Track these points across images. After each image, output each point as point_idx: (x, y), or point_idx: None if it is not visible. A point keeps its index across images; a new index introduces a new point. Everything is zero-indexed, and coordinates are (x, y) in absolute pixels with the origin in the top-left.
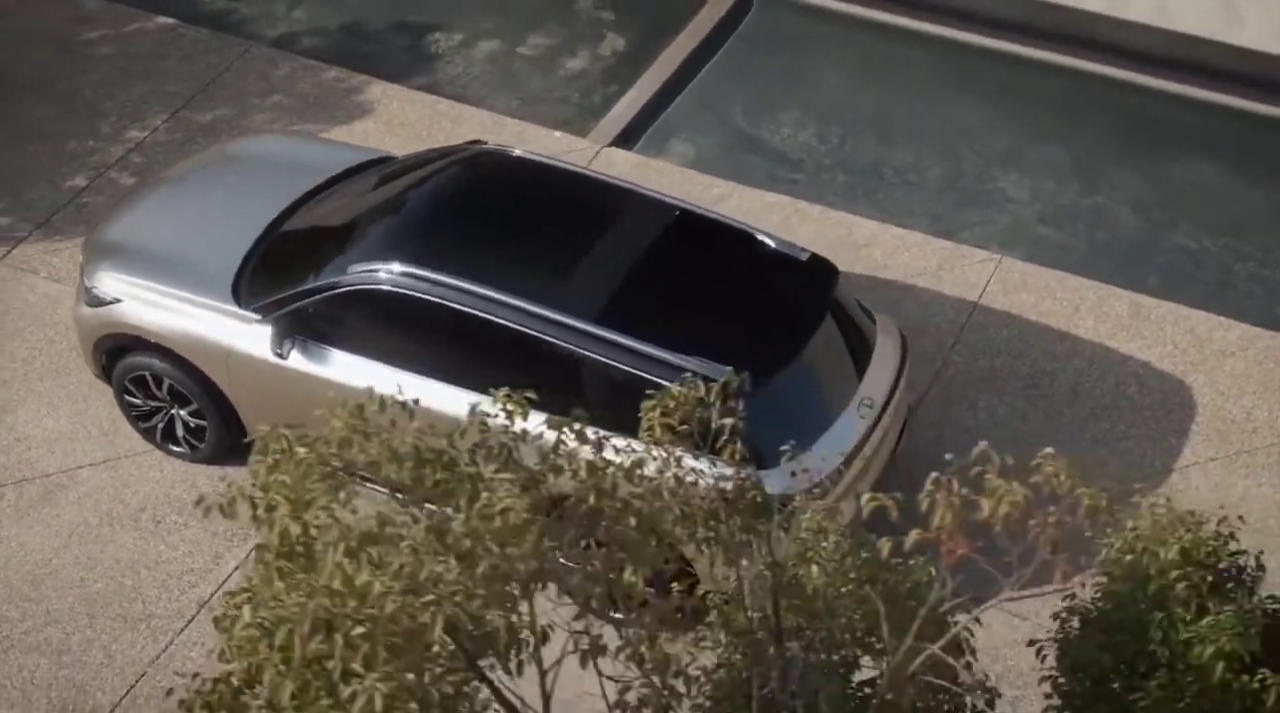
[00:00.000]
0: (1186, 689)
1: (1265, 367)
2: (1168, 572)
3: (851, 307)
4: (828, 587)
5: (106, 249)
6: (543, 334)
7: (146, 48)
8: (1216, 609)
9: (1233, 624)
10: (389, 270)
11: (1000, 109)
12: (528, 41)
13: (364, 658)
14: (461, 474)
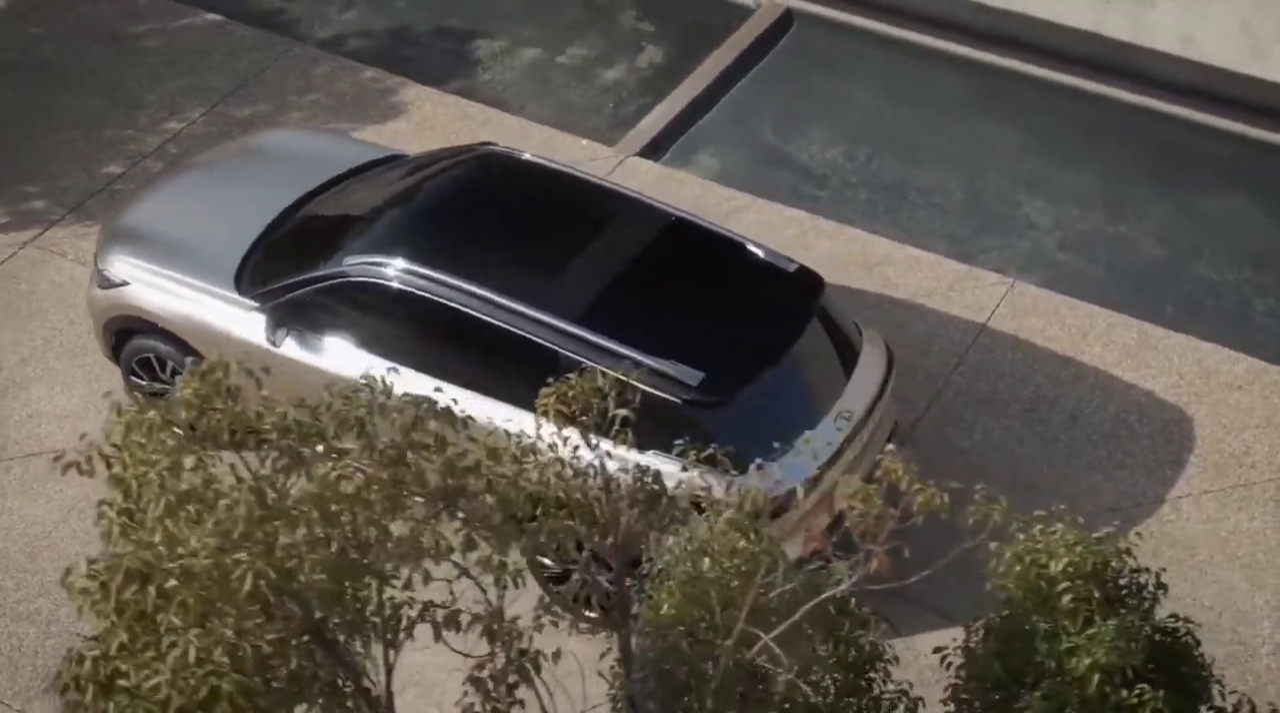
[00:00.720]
0: (1067, 701)
1: (1270, 402)
2: (1056, 583)
3: (837, 319)
4: (720, 579)
5: (120, 233)
6: (523, 331)
7: (192, 43)
8: (1102, 623)
9: (1112, 638)
10: (379, 263)
11: (1031, 134)
12: (567, 51)
13: (180, 611)
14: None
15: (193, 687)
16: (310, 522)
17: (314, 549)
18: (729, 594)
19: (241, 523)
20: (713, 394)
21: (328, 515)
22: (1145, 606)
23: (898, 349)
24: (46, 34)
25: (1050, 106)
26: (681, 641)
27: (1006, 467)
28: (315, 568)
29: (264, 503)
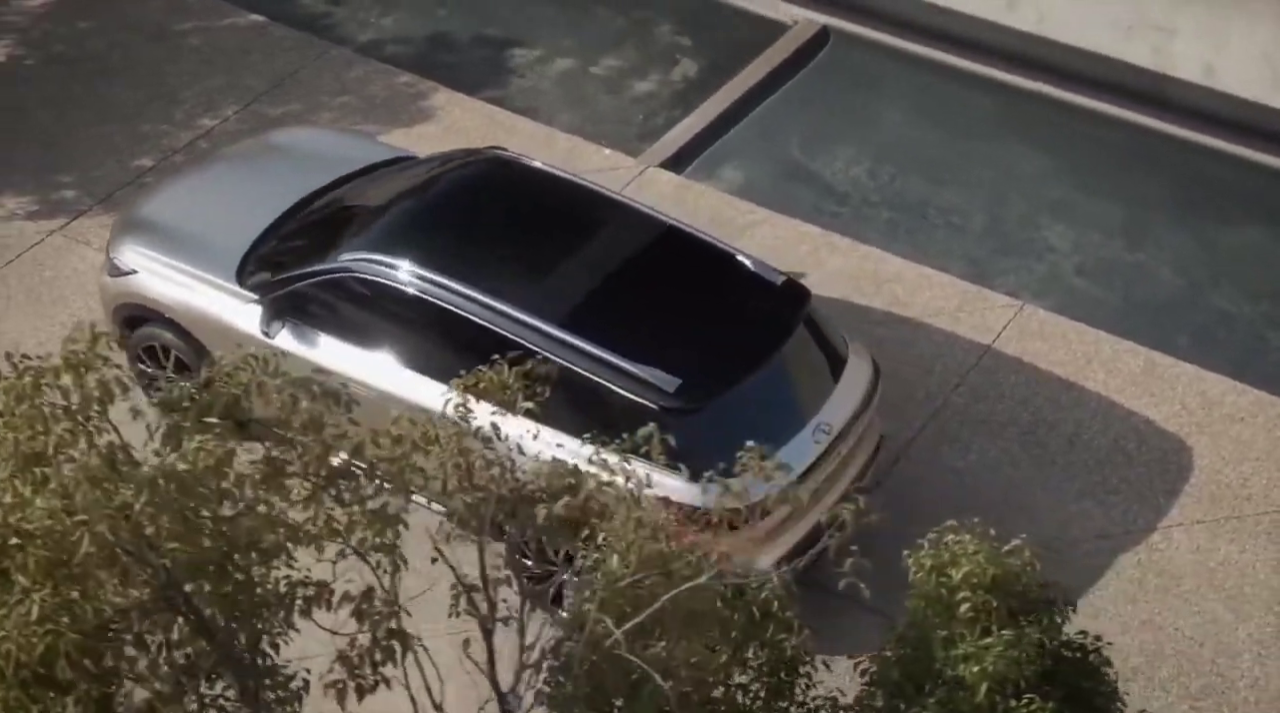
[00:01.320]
0: (959, 708)
1: (1272, 435)
2: (957, 591)
3: (823, 332)
4: (626, 577)
5: (133, 223)
6: (505, 331)
7: (233, 42)
8: (998, 633)
9: (1003, 648)
10: (372, 260)
11: (1059, 159)
12: (601, 62)
13: (26, 570)
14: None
15: (32, 644)
16: (158, 489)
17: (172, 520)
18: (645, 596)
19: (84, 485)
20: (689, 401)
21: (184, 487)
22: (1049, 620)
23: (900, 366)
24: (95, 28)
25: (1080, 132)
26: (603, 639)
27: (998, 488)
28: (170, 537)
29: (113, 468)
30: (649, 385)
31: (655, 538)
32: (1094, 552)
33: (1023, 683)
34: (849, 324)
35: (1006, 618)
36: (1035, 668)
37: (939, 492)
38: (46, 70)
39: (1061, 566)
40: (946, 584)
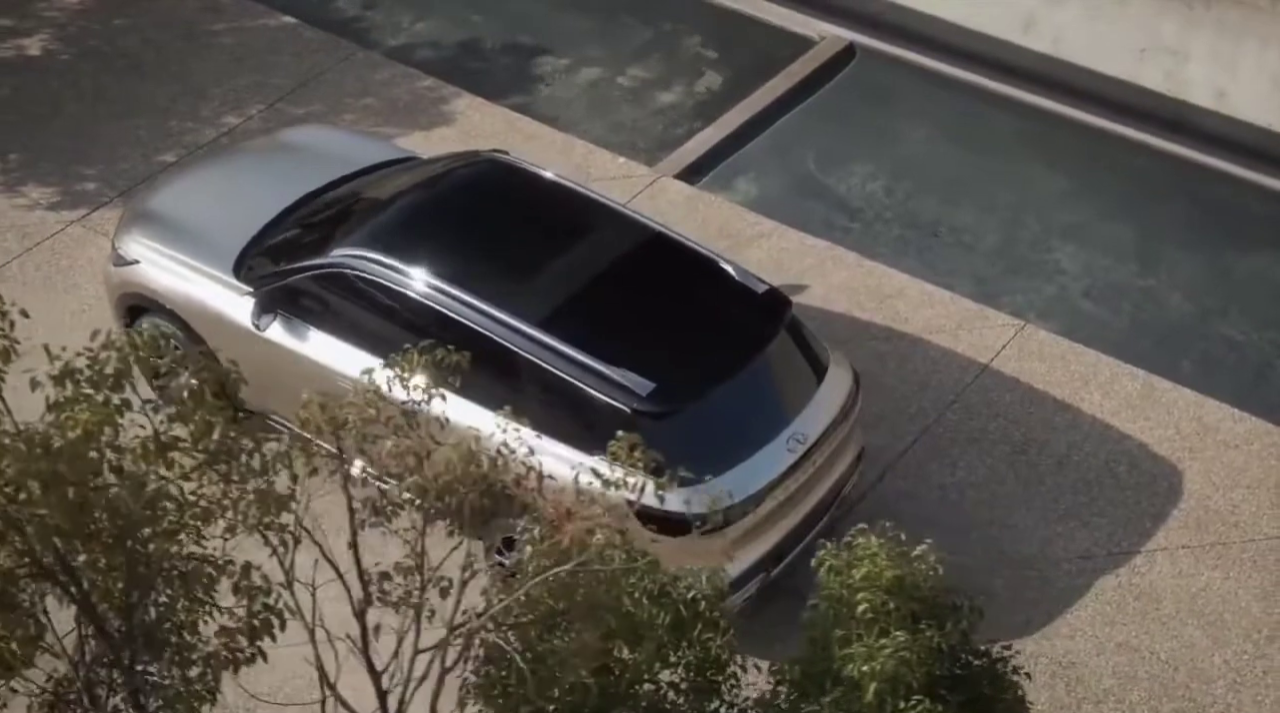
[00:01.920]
0: (851, 708)
1: (1265, 463)
2: (856, 592)
3: (803, 342)
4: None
5: (138, 214)
6: (485, 330)
7: (263, 42)
8: (893, 634)
9: (894, 649)
10: (363, 257)
11: (1077, 181)
12: (627, 72)
13: None
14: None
15: None
16: (25, 457)
17: (44, 487)
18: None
19: None
20: (661, 405)
21: (50, 452)
22: (952, 625)
23: (895, 382)
24: (130, 25)
25: (1100, 155)
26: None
27: (983, 505)
28: (39, 504)
29: None
30: (622, 388)
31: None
32: (1075, 572)
33: (914, 684)
34: (847, 338)
35: (906, 621)
36: (928, 670)
37: (924, 507)
38: (80, 64)
39: (1041, 585)
40: (847, 585)
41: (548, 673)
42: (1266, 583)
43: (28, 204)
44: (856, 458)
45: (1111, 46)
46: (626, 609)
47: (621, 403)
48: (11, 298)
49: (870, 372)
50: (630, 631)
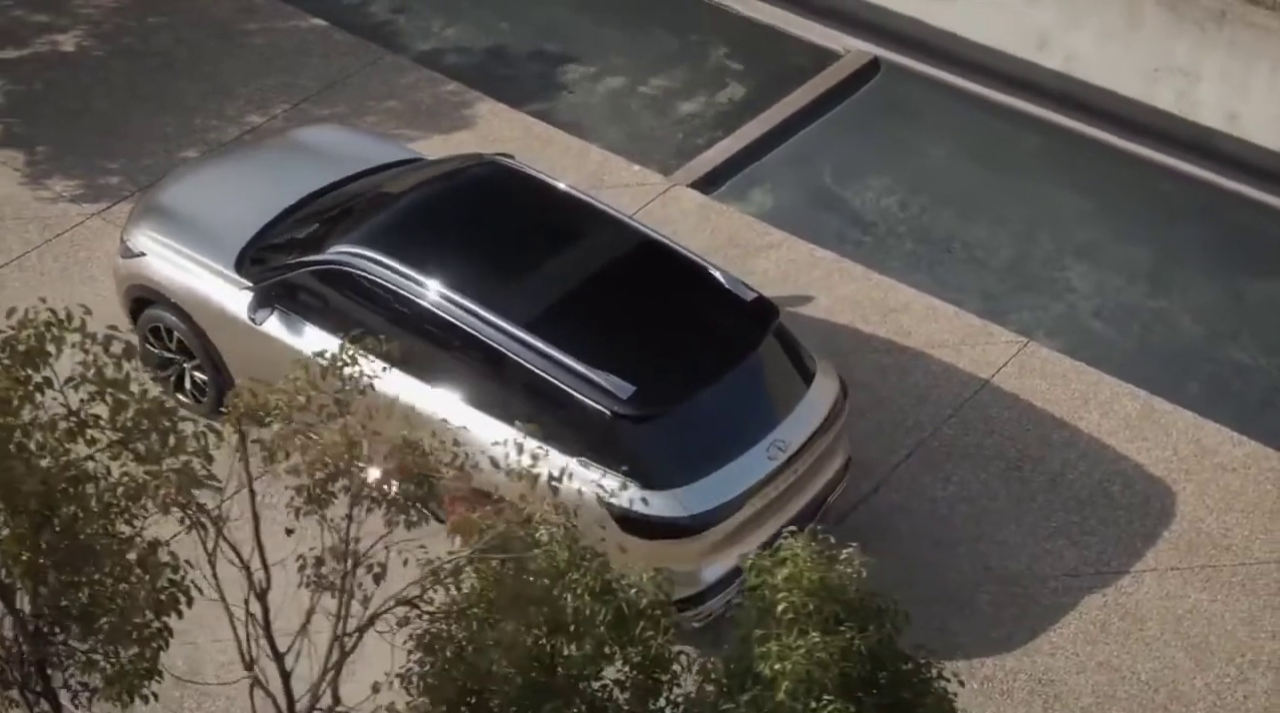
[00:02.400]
0: (765, 706)
1: (1261, 488)
2: (778, 592)
3: (789, 351)
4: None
5: (148, 208)
6: (472, 329)
7: (293, 44)
8: (809, 635)
9: (807, 649)
10: (357, 254)
11: (1095, 200)
12: (650, 82)
13: None
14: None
15: None
16: None
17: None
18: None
19: None
20: (641, 409)
21: None
22: (874, 628)
23: (893, 395)
24: (165, 24)
25: (1121, 176)
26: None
27: (971, 520)
28: None
29: None
30: (604, 390)
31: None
32: (1060, 590)
33: (828, 685)
34: (850, 350)
35: (828, 622)
36: (843, 672)
37: (914, 519)
38: (113, 61)
39: (1025, 601)
40: (771, 585)
41: (485, 664)
42: (1254, 607)
43: (51, 197)
44: (842, 468)
45: (1124, 66)
46: (567, 604)
47: (602, 405)
48: (28, 287)
49: (869, 384)
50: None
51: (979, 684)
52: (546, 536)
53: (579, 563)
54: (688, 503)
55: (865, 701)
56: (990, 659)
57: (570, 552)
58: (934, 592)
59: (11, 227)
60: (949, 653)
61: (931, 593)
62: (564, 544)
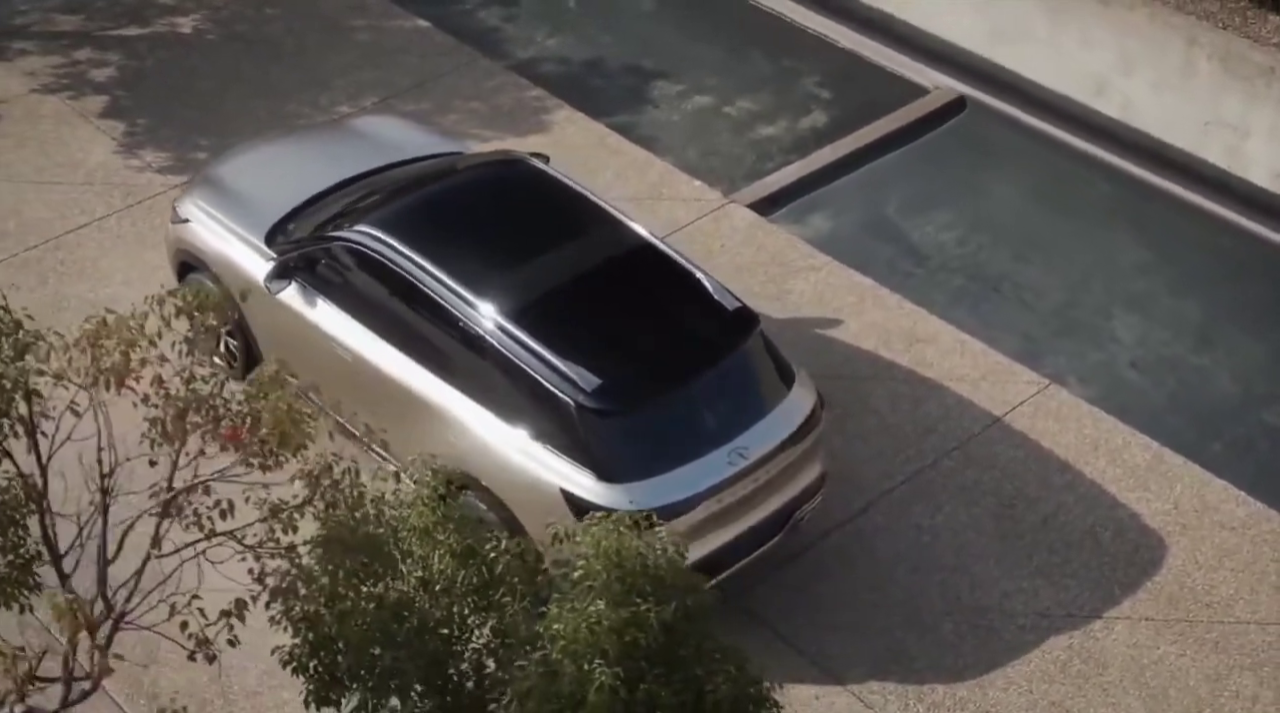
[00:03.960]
0: (548, 666)
1: (1256, 549)
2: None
3: (766, 362)
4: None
5: (203, 178)
6: (460, 313)
7: (395, 42)
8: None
9: (583, 613)
10: (368, 234)
11: (1155, 252)
12: (736, 104)
13: None
14: None
15: None
16: None
17: None
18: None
19: None
20: (604, 403)
21: None
22: (678, 604)
23: (901, 422)
24: (279, 15)
25: (1182, 227)
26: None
27: (952, 550)
28: None
29: None
30: (570, 382)
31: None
32: (1028, 627)
33: (608, 651)
34: (868, 376)
35: (628, 593)
36: (630, 641)
37: (896, 543)
38: (224, 46)
39: (989, 634)
40: (575, 552)
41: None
42: (1221, 666)
43: (140, 166)
44: (815, 483)
45: (1177, 117)
46: (433, 564)
47: (567, 395)
48: (101, 248)
49: (879, 410)
50: (436, 586)
51: (925, 709)
52: (413, 496)
53: (445, 525)
54: (638, 498)
55: (648, 671)
56: (941, 687)
57: (436, 513)
58: (899, 615)
59: (99, 190)
60: (902, 676)
61: (896, 616)
62: (431, 506)
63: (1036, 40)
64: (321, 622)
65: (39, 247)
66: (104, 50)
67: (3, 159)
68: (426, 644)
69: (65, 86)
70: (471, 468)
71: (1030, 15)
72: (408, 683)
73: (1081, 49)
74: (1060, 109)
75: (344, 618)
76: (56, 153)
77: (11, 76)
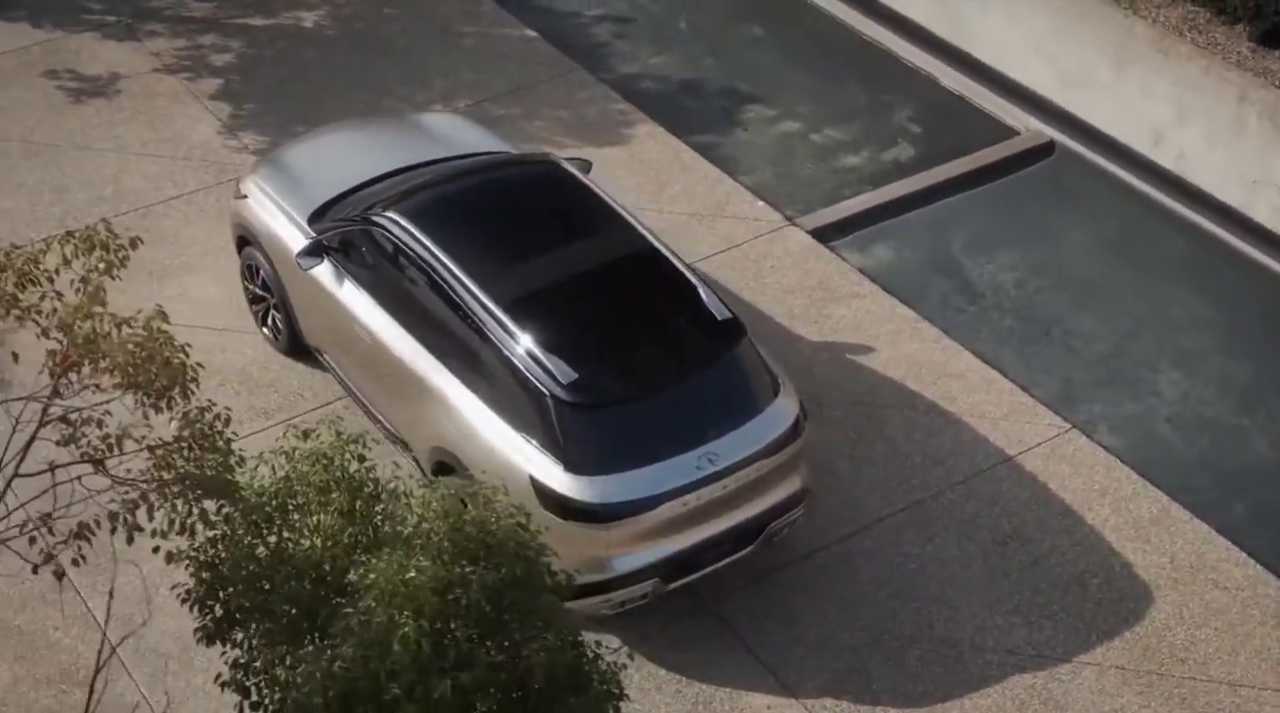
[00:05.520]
0: (362, 615)
1: (1246, 611)
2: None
3: (750, 373)
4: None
5: (269, 158)
6: (459, 299)
7: (500, 49)
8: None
9: (390, 562)
10: (393, 220)
11: (1214, 309)
12: (824, 132)
13: None
14: None
15: None
16: None
17: None
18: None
19: None
20: (578, 396)
21: None
22: (506, 568)
23: (912, 452)
24: (396, 16)
25: (1245, 285)
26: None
27: (935, 581)
28: None
29: None
30: (548, 373)
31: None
32: (994, 663)
33: (424, 606)
34: (888, 403)
35: (460, 554)
36: (444, 597)
37: (879, 568)
38: (339, 41)
39: (954, 665)
40: (403, 509)
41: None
42: None
43: (238, 147)
44: (792, 497)
45: (1227, 173)
46: (321, 519)
47: (544, 386)
48: (186, 220)
49: (892, 438)
50: (330, 542)
51: None
52: (313, 455)
53: (339, 484)
54: (602, 491)
55: (464, 630)
56: (894, 711)
57: (330, 473)
58: (867, 637)
59: (196, 166)
60: (857, 696)
61: (864, 637)
62: (325, 465)
63: (1101, 87)
64: (217, 565)
65: (129, 213)
66: (227, 37)
67: (114, 130)
68: (300, 590)
69: (185, 68)
70: (457, 451)
71: (1096, 62)
72: (280, 625)
73: (1142, 98)
74: (1128, 157)
75: (235, 563)
76: (164, 128)
77: (138, 55)
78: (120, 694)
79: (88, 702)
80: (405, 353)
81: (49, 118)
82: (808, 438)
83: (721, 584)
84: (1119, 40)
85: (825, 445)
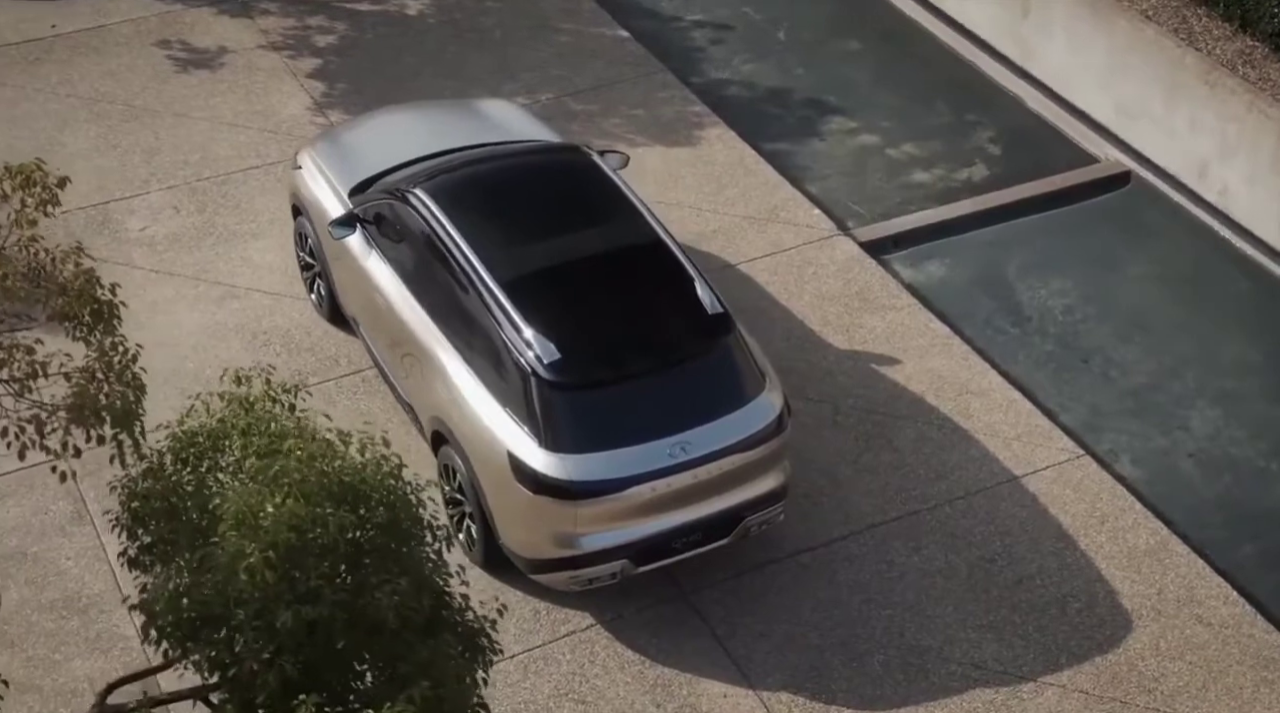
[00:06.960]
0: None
1: (1224, 648)
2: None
3: (735, 368)
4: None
5: (328, 133)
6: (462, 273)
7: (591, 46)
8: None
9: (241, 494)
10: (412, 192)
11: (1263, 352)
12: (901, 147)
13: None
14: None
15: None
16: None
17: None
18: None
19: None
20: (559, 376)
21: None
22: (366, 511)
23: (915, 464)
24: (496, 9)
25: None
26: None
27: (914, 590)
28: None
29: None
30: (533, 351)
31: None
32: (957, 675)
33: (277, 541)
34: (905, 415)
35: (327, 495)
36: (296, 533)
37: (859, 573)
38: (437, 30)
39: (917, 674)
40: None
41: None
42: None
43: (324, 124)
44: (770, 494)
45: (1264, 212)
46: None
47: (527, 362)
48: (262, 188)
49: (901, 449)
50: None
51: None
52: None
53: (258, 427)
54: (572, 470)
55: (313, 565)
56: (848, 710)
57: (249, 415)
58: (834, 638)
59: (281, 139)
60: (814, 693)
61: (832, 638)
62: (246, 407)
63: (1153, 118)
64: (148, 496)
65: (210, 178)
66: (333, 20)
67: (211, 101)
68: (198, 521)
69: (289, 46)
70: (449, 421)
71: (1149, 93)
72: (179, 554)
73: (1190, 130)
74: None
75: (160, 494)
76: (258, 101)
77: (248, 31)
78: (114, 626)
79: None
80: (414, 323)
81: (153, 84)
82: (814, 441)
83: (702, 575)
84: (1170, 71)
85: (831, 450)
